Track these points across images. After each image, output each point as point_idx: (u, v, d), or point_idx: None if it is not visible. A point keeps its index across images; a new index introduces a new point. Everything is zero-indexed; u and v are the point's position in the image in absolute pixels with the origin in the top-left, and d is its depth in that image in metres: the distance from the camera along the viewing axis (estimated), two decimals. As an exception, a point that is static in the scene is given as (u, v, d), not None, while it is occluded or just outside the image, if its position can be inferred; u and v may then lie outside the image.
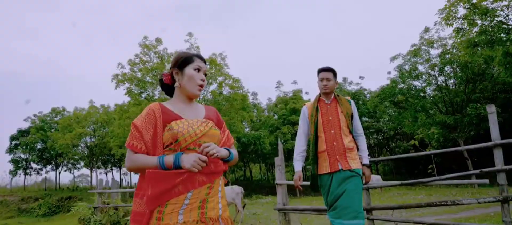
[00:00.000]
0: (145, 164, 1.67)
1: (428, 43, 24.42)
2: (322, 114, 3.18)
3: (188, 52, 1.92)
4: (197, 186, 1.67)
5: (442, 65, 24.16)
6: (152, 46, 20.27)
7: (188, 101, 1.87)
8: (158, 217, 1.63)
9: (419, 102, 24.77)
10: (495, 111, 4.54)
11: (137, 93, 20.27)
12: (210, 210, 1.68)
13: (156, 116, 1.74)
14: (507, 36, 11.43)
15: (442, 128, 23.24)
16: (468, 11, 12.08)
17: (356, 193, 2.99)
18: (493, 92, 23.86)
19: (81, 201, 28.26)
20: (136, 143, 1.71)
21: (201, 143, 1.73)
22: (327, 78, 3.21)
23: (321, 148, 3.12)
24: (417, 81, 25.95)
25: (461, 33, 12.86)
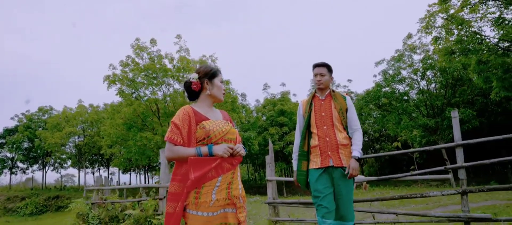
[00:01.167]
0: (185, 153, 2.10)
1: (411, 49, 25.49)
2: (316, 110, 3.12)
3: (215, 66, 2.41)
4: (225, 171, 2.13)
5: (424, 70, 25.26)
6: (145, 48, 20.62)
7: (211, 106, 2.34)
8: (196, 196, 2.06)
9: (402, 106, 25.79)
10: (457, 116, 5.24)
11: (129, 94, 20.59)
12: (234, 190, 2.16)
13: (190, 116, 2.17)
14: (479, 46, 12.34)
15: (424, 130, 24.25)
16: (445, 21, 12.92)
17: (349, 198, 2.99)
18: (472, 97, 25.02)
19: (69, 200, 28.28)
20: (175, 137, 2.13)
21: (227, 139, 2.20)
22: (321, 74, 3.16)
23: (313, 144, 3.08)
24: (401, 85, 27.00)
25: (439, 41, 13.71)
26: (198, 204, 2.05)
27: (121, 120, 20.30)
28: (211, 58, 23.38)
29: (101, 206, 9.32)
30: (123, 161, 25.29)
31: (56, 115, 31.18)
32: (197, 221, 2.03)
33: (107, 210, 8.95)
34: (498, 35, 12.84)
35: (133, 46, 20.48)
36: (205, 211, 2.04)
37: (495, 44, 12.78)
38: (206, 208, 2.04)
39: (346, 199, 2.98)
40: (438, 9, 13.00)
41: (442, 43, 13.65)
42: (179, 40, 21.68)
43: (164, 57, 21.32)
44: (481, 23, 12.51)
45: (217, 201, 2.07)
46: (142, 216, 8.31)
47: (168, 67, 21.01)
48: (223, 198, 2.09)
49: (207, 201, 2.05)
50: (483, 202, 9.75)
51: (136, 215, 8.32)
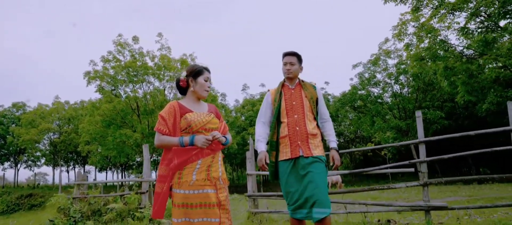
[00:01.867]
0: (170, 142, 2.44)
1: (386, 54, 26.65)
2: (286, 99, 3.02)
3: (200, 66, 2.67)
4: (205, 156, 2.45)
5: (398, 75, 26.47)
6: (127, 44, 20.59)
7: (197, 100, 2.65)
8: (179, 177, 2.40)
9: (376, 108, 26.86)
10: (421, 116, 5.83)
11: (109, 91, 20.48)
12: (213, 172, 2.46)
13: (175, 110, 2.50)
14: (446, 53, 13.24)
15: (396, 132, 25.36)
16: (416, 29, 13.78)
17: (321, 180, 2.80)
18: (441, 101, 26.38)
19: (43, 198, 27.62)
20: (162, 127, 2.47)
21: (207, 128, 2.51)
22: (290, 63, 3.06)
23: (282, 133, 2.95)
24: (375, 88, 28.14)
25: (411, 47, 14.57)
26: (180, 183, 2.38)
27: (100, 117, 20.16)
28: (190, 57, 23.53)
29: (82, 201, 9.42)
30: (100, 159, 25.02)
31: (31, 111, 30.36)
32: (179, 197, 2.36)
33: (89, 204, 9.08)
34: (463, 44, 13.82)
35: (115, 43, 20.39)
36: (186, 189, 2.36)
37: (460, 52, 13.74)
38: (187, 186, 2.37)
39: (318, 181, 2.77)
40: (410, 18, 13.84)
41: (413, 50, 14.50)
42: (160, 38, 21.74)
43: (146, 55, 21.33)
44: (448, 32, 13.44)
45: (197, 181, 2.38)
46: (125, 210, 8.52)
47: (149, 65, 21.03)
48: (203, 179, 2.40)
49: (187, 181, 2.37)
50: (447, 198, 10.53)
51: (119, 208, 8.53)
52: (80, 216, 8.89)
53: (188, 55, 23.41)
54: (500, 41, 13.60)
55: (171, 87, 22.54)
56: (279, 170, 2.97)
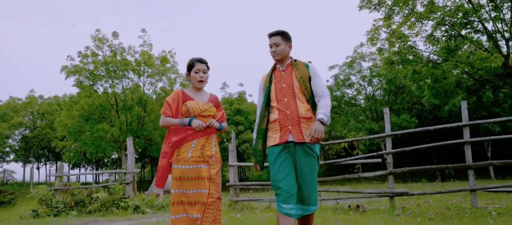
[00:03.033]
0: (172, 122, 2.84)
1: (361, 57, 27.88)
2: (276, 82, 2.83)
3: (193, 59, 2.96)
4: (199, 136, 2.82)
5: (371, 77, 27.76)
6: (106, 40, 20.54)
7: (196, 90, 2.98)
8: (177, 154, 2.79)
9: (351, 109, 28.01)
10: (388, 112, 6.53)
11: (88, 86, 20.34)
12: (206, 151, 2.82)
13: (179, 96, 2.89)
14: (415, 58, 14.26)
15: (369, 133, 26.56)
16: (388, 35, 14.71)
17: (312, 179, 2.64)
18: (410, 104, 27.86)
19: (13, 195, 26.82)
20: (167, 111, 2.86)
21: (204, 115, 2.86)
22: (275, 44, 2.83)
23: (272, 118, 2.76)
24: (350, 90, 29.33)
25: (383, 52, 15.51)
26: (178, 160, 2.76)
27: (78, 112, 20.00)
28: (170, 54, 23.72)
29: (65, 192, 9.56)
30: (75, 154, 24.67)
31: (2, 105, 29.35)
32: (177, 172, 2.75)
33: (72, 195, 9.25)
34: (429, 50, 14.91)
35: (94, 38, 20.29)
36: (182, 164, 2.75)
37: (427, 57, 14.81)
38: (183, 162, 2.75)
39: (309, 178, 2.62)
40: (383, 24, 14.77)
41: (385, 54, 15.45)
42: (143, 34, 21.86)
43: (126, 50, 21.35)
44: (417, 38, 14.47)
45: (192, 157, 2.76)
46: (110, 199, 8.78)
47: (129, 60, 21.06)
48: (197, 156, 2.77)
49: (184, 157, 2.76)
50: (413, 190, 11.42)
51: (103, 198, 8.78)
52: (64, 207, 9.06)
53: (167, 52, 23.62)
54: (462, 49, 14.78)
55: (150, 84, 22.66)
56: (268, 158, 2.75)
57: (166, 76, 22.89)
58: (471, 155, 5.82)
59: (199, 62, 2.93)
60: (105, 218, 7.48)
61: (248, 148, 30.36)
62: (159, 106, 22.65)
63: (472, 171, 5.84)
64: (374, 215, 5.57)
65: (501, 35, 13.16)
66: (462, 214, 5.10)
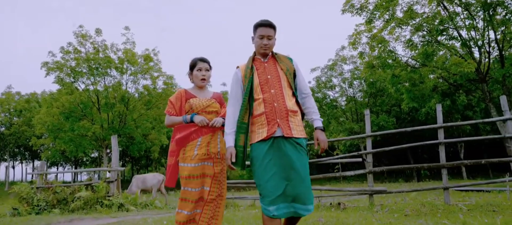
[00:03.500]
0: (176, 120, 2.92)
1: (342, 60, 28.56)
2: (259, 73, 2.58)
3: (195, 58, 3.02)
4: (204, 134, 2.86)
5: (352, 80, 28.49)
6: (89, 36, 20.24)
7: (199, 89, 3.06)
8: (183, 153, 2.84)
9: (332, 111, 28.63)
10: (369, 114, 6.84)
11: (69, 83, 19.99)
12: (212, 148, 2.86)
13: (182, 95, 2.97)
14: (394, 62, 14.80)
15: (349, 134, 27.21)
16: (369, 39, 15.19)
17: (305, 174, 2.41)
18: (389, 106, 28.73)
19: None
20: (171, 110, 2.95)
21: (207, 111, 2.92)
22: (268, 36, 2.59)
23: (257, 111, 2.52)
24: (331, 92, 29.99)
25: (364, 55, 16.01)
26: (184, 158, 2.82)
27: (59, 109, 19.61)
28: (153, 52, 23.62)
29: (46, 190, 9.46)
30: (54, 153, 24.15)
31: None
32: (184, 170, 2.81)
33: (54, 193, 9.17)
34: (408, 55, 15.50)
35: (76, 34, 19.96)
36: (188, 162, 2.80)
37: (406, 62, 15.39)
38: (189, 160, 2.80)
39: (302, 174, 2.39)
40: (364, 29, 15.26)
41: (366, 58, 15.96)
42: (127, 31, 21.65)
43: (109, 47, 21.11)
44: (396, 43, 15.02)
45: (198, 155, 2.81)
46: (93, 197, 8.76)
47: (112, 58, 20.83)
48: (203, 153, 2.82)
49: (190, 156, 2.81)
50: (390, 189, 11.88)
51: (87, 196, 8.74)
52: (45, 205, 8.97)
53: (151, 50, 23.49)
54: (438, 55, 15.44)
55: (133, 82, 22.48)
56: (253, 154, 2.48)
57: (149, 75, 22.74)
58: (445, 156, 6.20)
59: (201, 61, 3.00)
60: (90, 216, 7.50)
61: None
62: (142, 104, 22.48)
63: (446, 171, 6.22)
64: (354, 212, 5.85)
65: (474, 43, 13.85)
66: (436, 210, 5.45)
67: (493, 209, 5.14)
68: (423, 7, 14.31)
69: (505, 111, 6.21)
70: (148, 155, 31.42)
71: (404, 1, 14.58)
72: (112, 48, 21.35)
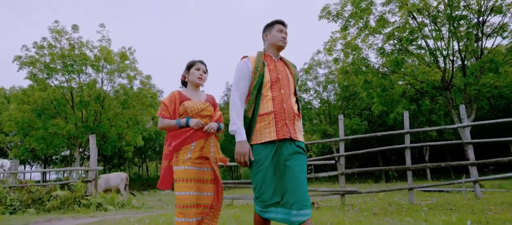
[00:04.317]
0: (170, 123, 2.84)
1: (317, 64, 29.42)
2: (270, 70, 2.50)
3: (193, 60, 3.04)
4: (198, 138, 2.80)
5: (326, 84, 29.39)
6: (65, 32, 19.76)
7: (194, 89, 3.00)
8: (176, 156, 2.79)
9: (306, 113, 29.34)
10: (342, 119, 7.31)
11: (42, 79, 19.43)
12: (206, 153, 2.82)
13: (176, 97, 2.88)
14: (366, 69, 15.53)
15: (322, 135, 27.99)
16: (344, 46, 15.84)
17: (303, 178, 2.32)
18: (361, 109, 29.83)
19: None
20: (164, 112, 2.86)
21: (202, 114, 2.87)
22: (286, 33, 2.62)
23: (265, 110, 2.41)
24: (306, 95, 30.73)
25: (338, 61, 16.65)
26: (177, 161, 2.78)
27: (30, 106, 19.02)
28: (129, 51, 23.38)
29: (20, 190, 9.31)
30: (24, 151, 23.34)
31: None
32: (177, 173, 2.76)
33: (29, 193, 9.04)
34: (380, 62, 16.29)
35: (52, 29, 19.42)
36: (182, 165, 2.76)
37: (377, 68, 16.16)
38: (182, 163, 2.76)
39: (300, 178, 2.30)
40: (339, 36, 15.90)
41: (341, 64, 16.61)
42: (102, 29, 21.30)
43: (85, 45, 20.69)
44: (369, 51, 15.75)
45: (191, 158, 2.76)
46: (71, 197, 8.72)
47: (88, 55, 20.43)
48: (196, 157, 2.78)
49: (183, 158, 2.76)
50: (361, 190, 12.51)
51: (64, 195, 8.70)
52: (20, 204, 8.83)
53: (127, 48, 23.22)
54: (407, 62, 16.33)
55: (109, 80, 22.12)
56: (256, 156, 2.35)
57: (125, 73, 22.47)
58: (412, 158, 6.75)
59: (200, 62, 3.01)
60: (68, 216, 7.51)
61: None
62: (117, 103, 22.15)
63: (411, 172, 6.77)
64: (327, 211, 6.27)
65: (440, 52, 14.77)
66: (401, 209, 5.96)
67: (450, 208, 5.70)
68: (394, 16, 15.11)
69: (463, 119, 6.84)
70: (122, 154, 30.94)
71: (377, 10, 15.33)
72: (88, 45, 20.95)
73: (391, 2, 14.95)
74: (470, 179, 6.63)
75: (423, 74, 13.88)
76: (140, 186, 31.27)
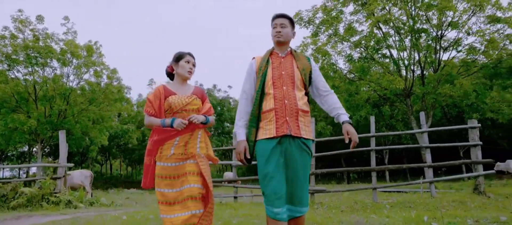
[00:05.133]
0: (154, 122, 2.71)
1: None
2: (274, 68, 2.55)
3: (183, 51, 2.88)
4: (182, 133, 2.68)
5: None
6: (29, 22, 18.86)
7: (182, 82, 2.85)
8: (160, 151, 2.69)
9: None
10: (314, 121, 7.74)
11: (4, 70, 18.42)
12: (190, 148, 2.68)
13: (161, 93, 2.74)
14: (335, 74, 16.29)
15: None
16: (314, 51, 16.47)
17: (305, 178, 2.41)
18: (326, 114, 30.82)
19: None
20: (150, 109, 2.73)
21: (187, 109, 2.73)
22: (282, 24, 2.57)
23: (267, 107, 2.48)
24: (275, 97, 31.28)
25: (308, 66, 17.27)
26: (161, 157, 2.68)
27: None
28: (96, 46, 22.79)
29: (-16, 186, 8.91)
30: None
31: None
32: (159, 169, 2.67)
33: (-8, 189, 8.70)
34: (347, 68, 17.09)
35: (15, 19, 18.47)
36: (164, 161, 2.66)
37: (345, 74, 16.96)
38: (165, 159, 2.65)
39: (302, 177, 2.39)
40: (310, 42, 16.53)
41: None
42: (66, 21, 20.55)
43: (51, 37, 19.86)
44: (338, 57, 16.51)
45: (174, 154, 2.65)
46: (38, 194, 8.48)
47: (53, 48, 19.62)
48: (180, 153, 2.66)
49: (166, 154, 2.66)
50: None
51: (31, 193, 8.45)
52: (-19, 202, 8.49)
53: (94, 42, 22.60)
54: (373, 70, 17.28)
55: (75, 75, 21.39)
56: (257, 151, 2.44)
57: (92, 68, 21.83)
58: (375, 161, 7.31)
59: (189, 55, 2.88)
60: (37, 213, 7.35)
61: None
62: (84, 99, 21.44)
63: (375, 173, 7.33)
64: (298, 208, 6.65)
65: (402, 62, 15.80)
66: (366, 207, 6.47)
67: (409, 206, 6.28)
68: (361, 25, 15.96)
69: (423, 125, 7.51)
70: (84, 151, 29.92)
71: (346, 19, 16.11)
72: (53, 38, 20.14)
73: (359, 12, 15.79)
74: (427, 180, 7.30)
75: (388, 82, 14.78)
76: (104, 184, 30.41)
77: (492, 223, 4.21)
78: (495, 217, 4.45)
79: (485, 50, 14.68)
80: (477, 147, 6.98)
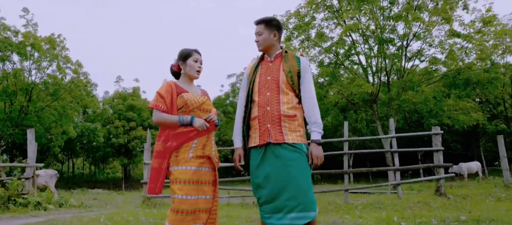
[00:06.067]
0: (169, 119, 2.49)
1: (257, 69, 30.50)
2: (261, 74, 2.52)
3: (189, 49, 2.72)
4: (201, 135, 2.52)
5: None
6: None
7: (189, 82, 2.70)
8: (176, 155, 2.46)
9: (245, 115, 30.30)
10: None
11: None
12: (207, 150, 2.53)
13: (173, 88, 2.57)
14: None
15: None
16: (287, 55, 16.89)
17: (302, 176, 2.27)
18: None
19: None
20: (160, 104, 2.52)
21: (202, 108, 2.59)
22: (258, 33, 2.55)
23: (252, 114, 2.48)
24: (246, 98, 31.67)
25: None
26: (178, 161, 2.46)
27: None
28: (59, 39, 21.91)
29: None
30: None
31: None
32: (177, 173, 2.44)
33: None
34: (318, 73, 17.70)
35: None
36: (183, 165, 2.44)
37: (316, 79, 17.53)
38: (184, 162, 2.44)
39: (300, 181, 2.26)
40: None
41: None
42: (26, 13, 19.59)
43: (8, 28, 18.81)
44: (310, 62, 17.01)
45: (193, 158, 2.47)
46: (4, 195, 8.09)
47: (12, 40, 18.61)
48: (198, 155, 2.49)
49: (185, 158, 2.45)
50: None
51: (-4, 194, 8.04)
52: None
53: (56, 35, 21.70)
54: (343, 76, 18.01)
55: (38, 69, 20.37)
56: (250, 161, 2.47)
57: (55, 62, 20.93)
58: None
59: (197, 52, 2.72)
60: (5, 215, 7.05)
61: (138, 145, 29.73)
62: (46, 94, 20.48)
63: (348, 175, 7.74)
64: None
65: (370, 69, 16.61)
66: (339, 208, 6.84)
67: (379, 207, 6.72)
68: (332, 32, 16.60)
69: (391, 130, 8.03)
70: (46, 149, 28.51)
71: (319, 25, 16.68)
72: (11, 30, 19.11)
73: (330, 19, 16.42)
74: (396, 182, 7.82)
75: (357, 87, 15.46)
76: (66, 184, 29.10)
77: (454, 222, 4.65)
78: (456, 217, 4.90)
79: (445, 60, 15.79)
80: (440, 152, 7.58)
